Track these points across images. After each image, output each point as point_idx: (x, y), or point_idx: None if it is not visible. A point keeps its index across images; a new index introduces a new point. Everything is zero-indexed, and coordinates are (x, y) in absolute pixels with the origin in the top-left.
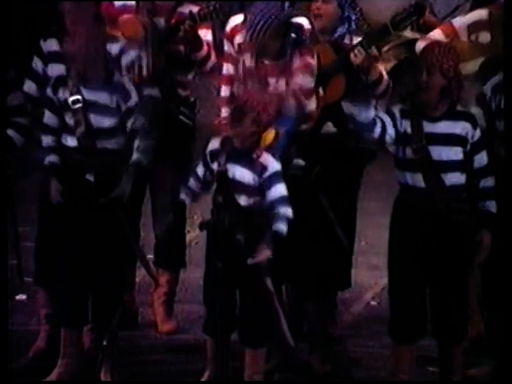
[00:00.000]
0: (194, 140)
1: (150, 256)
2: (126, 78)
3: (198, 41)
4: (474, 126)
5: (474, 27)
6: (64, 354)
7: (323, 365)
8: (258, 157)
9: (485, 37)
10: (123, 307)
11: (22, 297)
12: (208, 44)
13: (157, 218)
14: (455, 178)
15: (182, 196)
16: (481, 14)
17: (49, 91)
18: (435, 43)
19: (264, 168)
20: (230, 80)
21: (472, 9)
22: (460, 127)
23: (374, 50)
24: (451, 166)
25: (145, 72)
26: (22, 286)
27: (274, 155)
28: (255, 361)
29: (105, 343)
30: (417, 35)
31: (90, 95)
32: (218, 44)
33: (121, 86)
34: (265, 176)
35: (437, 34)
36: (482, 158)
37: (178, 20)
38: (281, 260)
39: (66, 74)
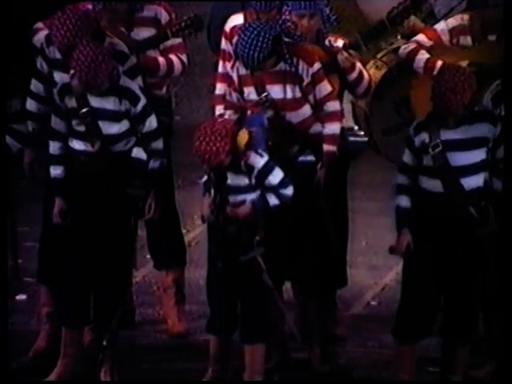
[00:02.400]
0: (171, 135)
1: (148, 256)
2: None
3: (151, 65)
4: (494, 123)
5: (455, 31)
6: (64, 353)
7: (323, 365)
8: (244, 159)
9: (465, 41)
10: (123, 307)
11: (22, 297)
12: (168, 50)
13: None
14: (476, 181)
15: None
16: (462, 18)
17: (55, 98)
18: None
19: (251, 168)
20: (226, 78)
21: (468, 9)
22: (479, 129)
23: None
24: (472, 169)
25: None
26: (20, 286)
27: (256, 151)
28: (255, 360)
29: (105, 343)
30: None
31: (97, 103)
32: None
33: (129, 90)
34: (255, 173)
35: (420, 38)
36: (501, 153)
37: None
38: (280, 258)
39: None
